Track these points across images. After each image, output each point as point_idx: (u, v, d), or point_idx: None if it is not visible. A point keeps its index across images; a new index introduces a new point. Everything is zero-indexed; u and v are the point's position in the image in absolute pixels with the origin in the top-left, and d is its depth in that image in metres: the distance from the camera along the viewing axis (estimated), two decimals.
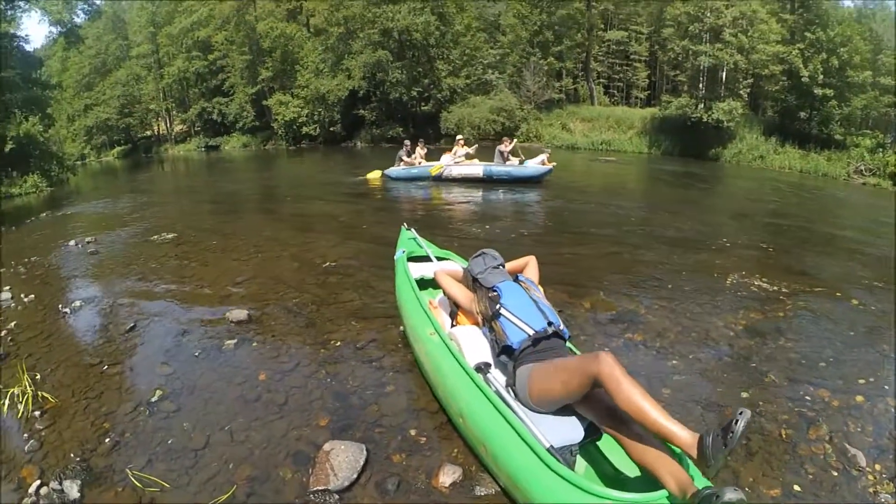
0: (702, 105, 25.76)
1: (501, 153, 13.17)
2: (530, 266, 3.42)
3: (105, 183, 28.64)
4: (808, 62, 24.34)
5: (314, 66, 34.83)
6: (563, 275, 5.84)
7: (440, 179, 13.07)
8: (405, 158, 13.56)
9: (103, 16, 40.41)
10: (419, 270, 4.29)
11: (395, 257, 4.62)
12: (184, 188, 20.18)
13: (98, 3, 28.25)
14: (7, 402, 3.75)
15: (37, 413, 3.63)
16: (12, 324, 5.40)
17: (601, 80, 48.70)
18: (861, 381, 3.73)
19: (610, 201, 11.85)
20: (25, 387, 3.79)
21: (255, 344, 4.26)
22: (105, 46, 57.43)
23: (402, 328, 4.14)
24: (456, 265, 4.38)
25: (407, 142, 14.51)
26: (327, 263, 6.35)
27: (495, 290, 2.94)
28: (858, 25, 26.60)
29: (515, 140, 15.18)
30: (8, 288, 6.67)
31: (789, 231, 9.67)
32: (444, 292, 3.49)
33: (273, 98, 37.62)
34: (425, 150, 14.48)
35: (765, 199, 14.23)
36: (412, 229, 5.16)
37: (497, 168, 12.92)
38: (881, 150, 22.15)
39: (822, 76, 24.04)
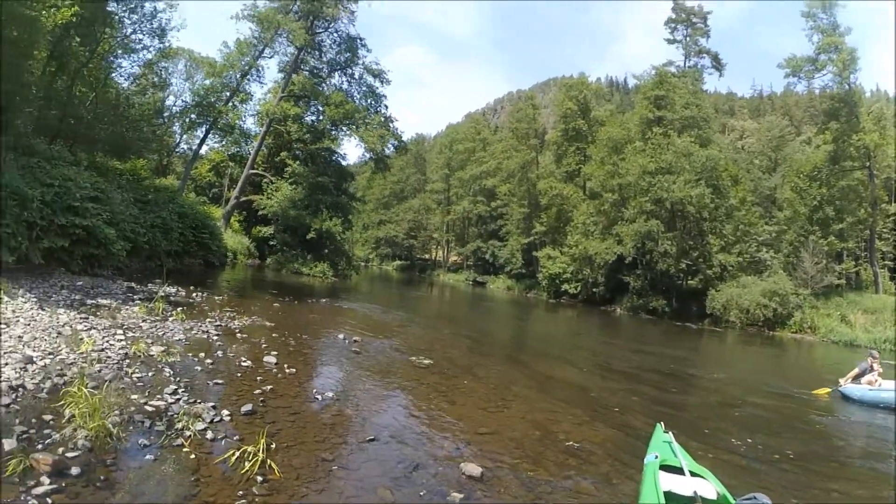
0: None
1: None
2: None
3: (380, 289, 33.21)
4: None
5: (585, 227, 36.45)
6: None
7: None
8: (869, 377, 10.97)
9: (409, 153, 51.56)
10: (669, 483, 3.86)
11: (644, 460, 4.29)
12: (446, 316, 22.18)
13: (405, 141, 35.97)
14: (238, 454, 4.15)
15: (259, 478, 3.93)
16: (268, 387, 6.21)
17: (887, 263, 40.75)
18: None
19: None
20: (259, 450, 4.17)
21: None
22: (406, 177, 74.48)
23: None
24: (711, 487, 3.89)
25: (874, 352, 11.79)
26: (570, 442, 5.94)
27: None
28: None
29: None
30: (275, 353, 7.86)
31: None
32: None
33: (542, 251, 40.42)
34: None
35: None
36: (669, 432, 4.72)
37: None
38: None
39: None
